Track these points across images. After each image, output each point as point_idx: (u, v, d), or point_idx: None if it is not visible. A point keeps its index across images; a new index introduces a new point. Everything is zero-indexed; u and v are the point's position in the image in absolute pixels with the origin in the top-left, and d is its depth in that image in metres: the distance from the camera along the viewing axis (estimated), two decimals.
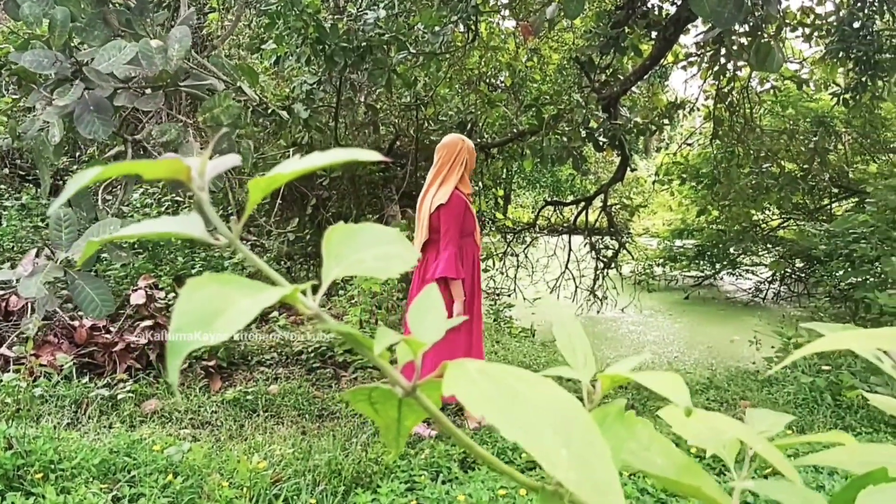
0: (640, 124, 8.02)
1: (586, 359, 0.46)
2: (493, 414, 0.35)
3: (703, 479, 0.44)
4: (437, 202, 4.04)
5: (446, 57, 7.57)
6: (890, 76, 6.81)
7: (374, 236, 0.47)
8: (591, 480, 0.34)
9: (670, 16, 7.20)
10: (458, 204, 4.06)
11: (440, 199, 4.03)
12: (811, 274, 10.15)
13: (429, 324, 0.44)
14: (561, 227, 10.51)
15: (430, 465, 3.59)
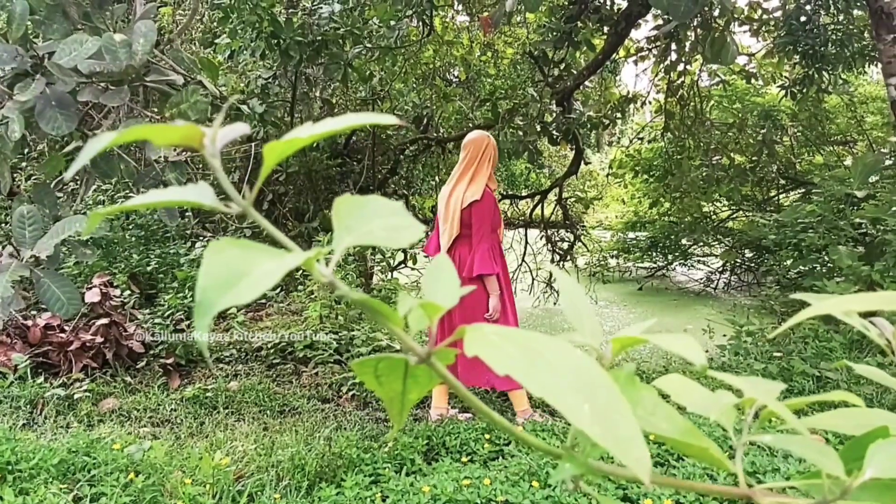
0: (594, 118, 8.10)
1: (593, 325, 0.48)
2: (517, 373, 0.36)
3: (703, 440, 0.46)
4: (471, 199, 4.05)
5: (402, 51, 7.56)
6: (835, 69, 7.00)
7: (382, 207, 0.48)
8: (614, 433, 0.35)
9: (622, 11, 7.30)
10: (490, 201, 4.10)
11: (474, 196, 4.05)
12: (761, 263, 10.37)
13: (441, 289, 0.45)
14: (517, 220, 10.58)
15: (394, 458, 3.59)
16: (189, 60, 2.94)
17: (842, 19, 7.00)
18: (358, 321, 5.61)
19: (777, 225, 7.53)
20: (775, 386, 0.53)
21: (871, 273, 5.41)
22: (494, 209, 4.13)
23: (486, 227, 4.06)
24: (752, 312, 7.21)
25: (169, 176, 2.90)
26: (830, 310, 0.47)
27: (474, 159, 4.15)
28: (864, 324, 0.56)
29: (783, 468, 3.22)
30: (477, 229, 4.06)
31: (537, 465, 3.34)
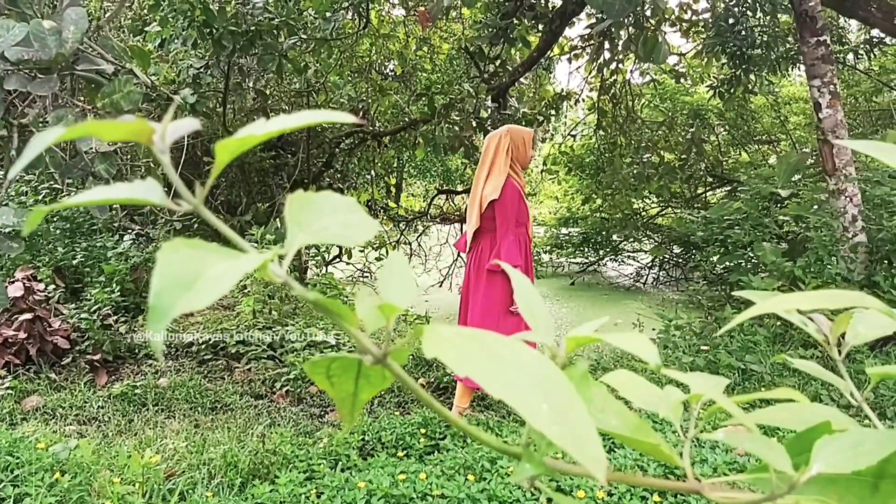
0: (528, 114, 8.18)
1: (547, 323, 0.48)
2: (477, 373, 0.36)
3: (652, 435, 0.47)
4: (489, 198, 4.05)
5: (337, 44, 7.50)
6: (761, 70, 7.21)
7: (336, 204, 0.47)
8: (571, 433, 0.35)
9: (557, 9, 7.38)
10: (511, 195, 4.06)
11: (492, 195, 4.04)
12: (688, 259, 10.62)
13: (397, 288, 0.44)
14: (453, 215, 10.61)
15: (329, 454, 3.56)
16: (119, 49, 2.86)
17: (768, 22, 7.22)
18: (292, 316, 5.54)
19: (704, 222, 7.72)
20: (720, 381, 0.54)
21: (794, 269, 5.60)
22: (518, 203, 4.10)
23: (510, 220, 4.05)
24: (679, 307, 7.39)
25: (98, 167, 2.81)
26: (775, 308, 0.48)
27: (486, 157, 4.17)
28: (804, 320, 0.58)
29: (711, 458, 3.31)
30: (500, 223, 4.06)
31: (473, 458, 3.36)
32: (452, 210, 10.88)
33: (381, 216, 9.97)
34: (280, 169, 7.94)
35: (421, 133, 7.89)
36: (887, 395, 4.49)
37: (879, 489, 0.44)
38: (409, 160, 11.39)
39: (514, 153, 4.16)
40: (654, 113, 10.64)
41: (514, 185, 4.10)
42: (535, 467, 0.40)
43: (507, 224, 4.06)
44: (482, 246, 4.19)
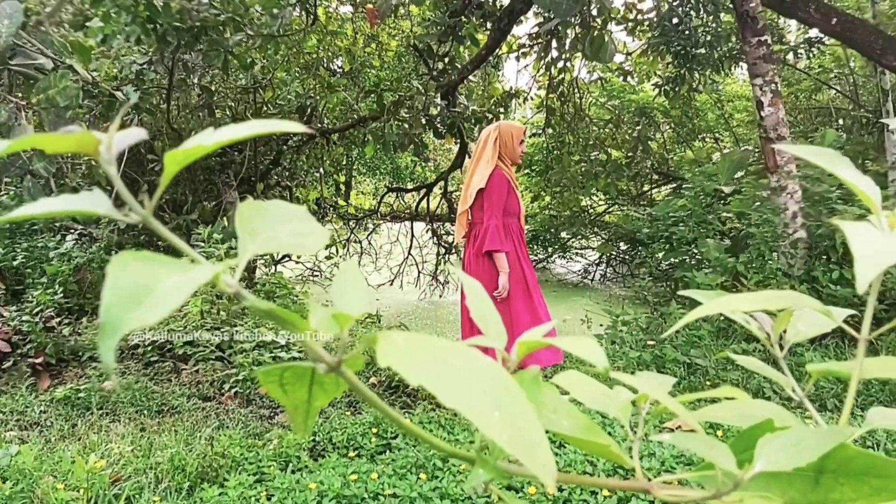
0: (478, 112, 8.20)
1: (498, 329, 0.48)
2: (430, 381, 0.36)
3: (602, 436, 0.48)
4: (476, 187, 4.27)
5: (284, 40, 7.41)
6: (705, 69, 7.35)
7: (287, 213, 0.47)
8: (521, 440, 0.36)
9: (505, 7, 7.42)
10: (499, 185, 4.24)
11: (479, 185, 4.25)
12: (635, 256, 10.78)
13: (350, 296, 0.44)
14: (403, 213, 10.60)
15: (279, 456, 3.53)
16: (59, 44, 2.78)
17: (711, 22, 7.36)
18: (241, 316, 5.47)
19: (650, 219, 7.84)
20: (667, 381, 0.55)
21: (737, 265, 5.72)
22: (506, 192, 4.27)
23: (495, 208, 4.22)
24: (626, 303, 7.50)
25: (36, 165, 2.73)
26: (720, 309, 0.49)
27: (477, 150, 4.40)
28: (746, 318, 0.59)
29: (658, 452, 3.37)
30: (487, 209, 4.24)
31: (425, 457, 3.37)
32: (403, 208, 10.87)
33: (331, 214, 9.91)
34: (226, 167, 7.82)
35: (370, 130, 7.86)
36: (827, 388, 4.62)
37: (820, 484, 0.46)
38: (358, 158, 11.34)
39: (502, 147, 4.33)
40: (602, 111, 10.77)
41: (503, 175, 4.27)
42: (489, 472, 0.40)
43: (492, 211, 4.22)
44: (476, 234, 4.36)
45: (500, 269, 4.24)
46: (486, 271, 4.26)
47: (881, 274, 0.46)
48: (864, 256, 0.38)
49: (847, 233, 0.40)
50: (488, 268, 4.26)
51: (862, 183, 0.46)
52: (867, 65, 9.20)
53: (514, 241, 4.34)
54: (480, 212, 4.31)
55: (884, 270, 0.45)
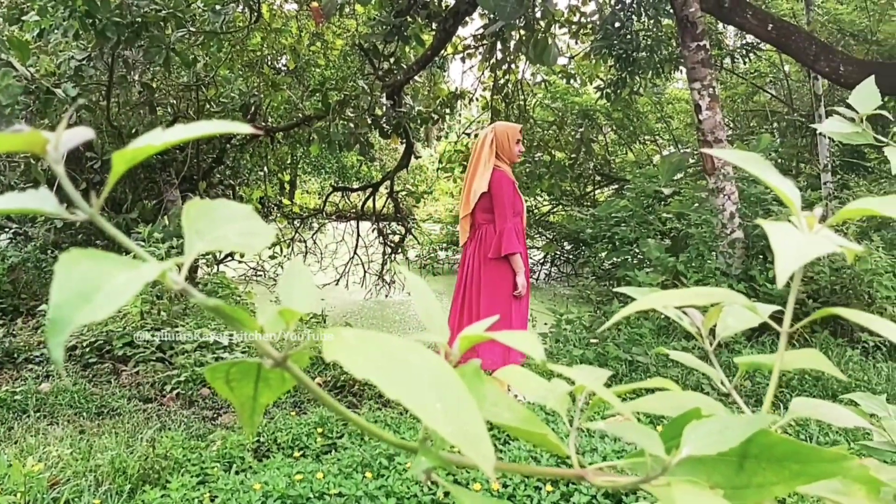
0: (423, 113, 8.22)
1: (441, 324, 0.50)
2: (375, 375, 0.38)
3: (541, 426, 0.50)
4: (479, 191, 4.26)
5: (228, 37, 7.33)
6: (646, 73, 7.49)
7: (234, 213, 0.48)
8: (463, 431, 0.38)
9: (450, 8, 7.45)
10: (503, 184, 4.24)
11: (481, 188, 4.24)
12: (578, 255, 10.93)
13: (297, 293, 0.45)
14: (349, 213, 10.56)
15: (222, 457, 3.49)
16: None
17: (652, 26, 7.51)
18: (182, 317, 5.40)
19: (593, 219, 7.97)
20: (602, 374, 0.57)
21: (677, 264, 5.86)
22: (511, 192, 4.28)
23: (504, 208, 4.24)
24: (570, 302, 7.60)
25: None
26: (653, 304, 0.52)
27: (476, 155, 4.37)
28: (678, 314, 0.62)
29: (600, 447, 3.43)
30: (498, 212, 4.25)
31: (370, 456, 3.37)
32: (348, 207, 10.82)
33: (275, 213, 9.82)
34: (168, 165, 7.69)
35: (315, 129, 7.81)
36: (764, 383, 4.77)
37: (744, 468, 0.48)
38: (303, 157, 11.25)
39: (498, 148, 4.34)
40: (546, 113, 10.88)
41: (505, 175, 4.28)
42: (431, 461, 0.42)
43: (503, 213, 4.24)
44: (481, 236, 4.38)
45: (517, 270, 4.29)
46: (498, 273, 4.30)
47: (801, 270, 0.49)
48: (783, 254, 0.41)
49: (768, 232, 0.42)
50: (500, 269, 4.30)
51: (784, 186, 0.49)
52: (801, 70, 9.49)
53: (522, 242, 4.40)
54: (483, 213, 4.33)
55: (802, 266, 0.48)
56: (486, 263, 4.33)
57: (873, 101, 1.15)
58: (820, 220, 0.49)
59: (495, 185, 4.24)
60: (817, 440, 3.73)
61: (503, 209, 4.24)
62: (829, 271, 5.49)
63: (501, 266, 4.30)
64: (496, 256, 4.27)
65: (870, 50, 9.32)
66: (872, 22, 9.22)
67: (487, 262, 4.32)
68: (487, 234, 4.35)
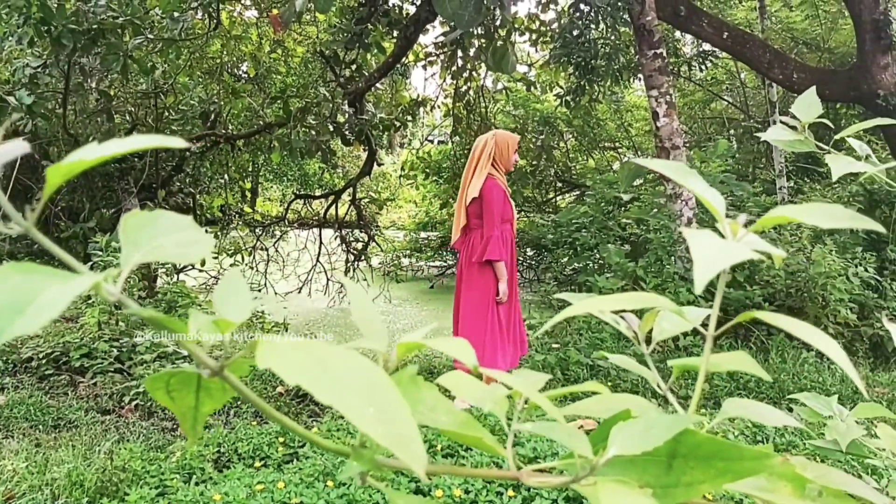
0: (385, 120, 8.23)
1: (380, 331, 0.51)
2: (307, 381, 0.39)
3: (479, 430, 0.51)
4: (471, 196, 4.32)
5: (186, 44, 7.27)
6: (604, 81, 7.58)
7: (172, 223, 0.48)
8: (395, 434, 0.39)
9: (410, 15, 7.47)
10: (494, 192, 4.31)
11: (473, 193, 4.31)
12: (541, 261, 11.00)
13: (233, 305, 0.46)
14: (311, 220, 10.51)
15: (182, 468, 3.46)
16: None
17: (610, 35, 7.61)
18: (141, 327, 5.33)
19: (554, 225, 8.03)
20: (540, 378, 0.59)
21: (636, 269, 5.93)
22: (502, 201, 4.34)
23: (494, 216, 4.30)
24: (533, 307, 7.65)
25: None
26: (586, 309, 0.54)
27: (473, 160, 4.43)
28: (616, 318, 0.64)
29: (562, 452, 3.46)
30: (486, 219, 4.32)
31: (332, 465, 3.36)
32: (311, 215, 10.78)
33: (236, 221, 9.74)
34: (126, 173, 7.60)
35: (276, 137, 7.77)
36: (721, 386, 4.84)
37: (673, 468, 0.50)
38: (264, 164, 11.19)
39: (497, 156, 4.42)
40: (507, 120, 10.95)
41: (497, 184, 4.35)
42: (363, 464, 0.43)
43: (492, 219, 4.31)
44: (472, 241, 4.45)
45: (500, 277, 4.36)
46: (481, 277, 4.39)
47: (724, 275, 0.51)
48: (701, 261, 0.43)
49: (688, 239, 0.44)
50: (483, 274, 4.39)
51: (707, 194, 0.51)
52: (756, 77, 9.67)
53: (508, 250, 4.47)
54: (474, 219, 4.40)
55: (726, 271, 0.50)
56: (470, 267, 4.43)
57: (815, 110, 1.19)
58: (745, 225, 0.51)
59: (486, 192, 4.30)
60: (773, 441, 3.80)
61: (491, 216, 4.31)
62: (785, 275, 5.60)
63: (485, 271, 4.39)
64: (479, 261, 4.35)
65: (822, 58, 9.54)
66: (824, 30, 9.44)
67: (471, 266, 4.42)
68: (476, 239, 4.43)
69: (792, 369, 5.05)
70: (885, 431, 1.26)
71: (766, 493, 0.54)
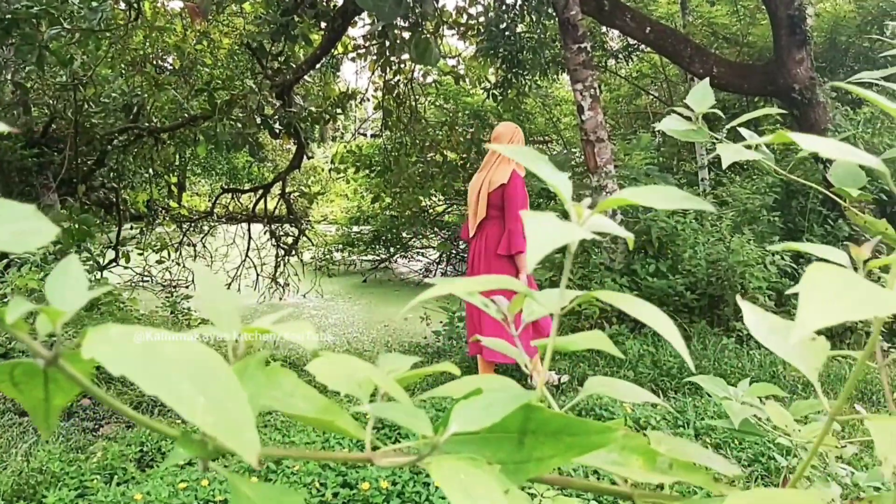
0: (315, 113, 8.16)
1: (231, 318, 0.51)
2: (132, 372, 0.38)
3: (338, 415, 0.52)
4: (499, 182, 4.29)
5: (107, 35, 7.07)
6: (531, 74, 7.66)
7: (12, 213, 0.47)
8: (226, 421, 0.39)
9: (338, 7, 7.42)
10: (518, 183, 4.32)
11: (501, 179, 4.29)
12: None
13: (68, 294, 0.45)
14: (240, 214, 10.37)
15: (103, 468, 3.39)
16: None
17: (535, 29, 7.69)
18: None
19: None
20: (407, 360, 0.60)
21: (563, 260, 6.01)
22: (524, 195, 4.34)
23: (518, 207, 4.25)
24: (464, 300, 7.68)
25: None
26: (450, 290, 0.55)
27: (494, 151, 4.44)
28: (486, 301, 0.65)
29: None
30: (509, 209, 4.29)
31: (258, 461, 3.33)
32: (239, 209, 10.62)
33: (162, 217, 9.53)
34: (45, 168, 7.36)
35: (201, 130, 7.63)
36: (645, 373, 4.95)
37: (524, 444, 0.52)
38: (192, 158, 10.98)
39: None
40: (438, 113, 10.97)
41: (519, 177, 4.37)
42: (190, 451, 0.43)
43: (515, 210, 4.29)
44: (487, 233, 4.43)
45: (521, 269, 4.34)
46: (503, 270, 4.36)
47: (571, 255, 0.53)
48: (533, 241, 0.44)
49: (525, 221, 0.46)
50: (506, 266, 4.37)
51: (555, 179, 0.52)
52: (680, 72, 9.90)
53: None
54: (492, 210, 4.38)
55: (572, 251, 0.52)
56: (491, 259, 4.41)
57: (708, 101, 1.23)
58: (589, 208, 0.52)
59: (512, 184, 4.31)
60: (694, 426, 3.91)
61: (515, 209, 4.29)
62: (706, 264, 5.75)
63: (507, 263, 4.39)
64: (506, 253, 4.35)
65: (741, 52, 9.81)
66: (743, 25, 9.71)
67: (492, 258, 4.40)
68: (492, 230, 4.42)
69: (713, 355, 5.19)
70: (773, 408, 1.31)
71: (618, 467, 0.56)
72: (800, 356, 0.60)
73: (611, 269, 5.92)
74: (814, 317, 0.43)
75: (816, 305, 0.44)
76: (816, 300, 0.45)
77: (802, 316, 0.43)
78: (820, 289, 0.46)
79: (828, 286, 0.46)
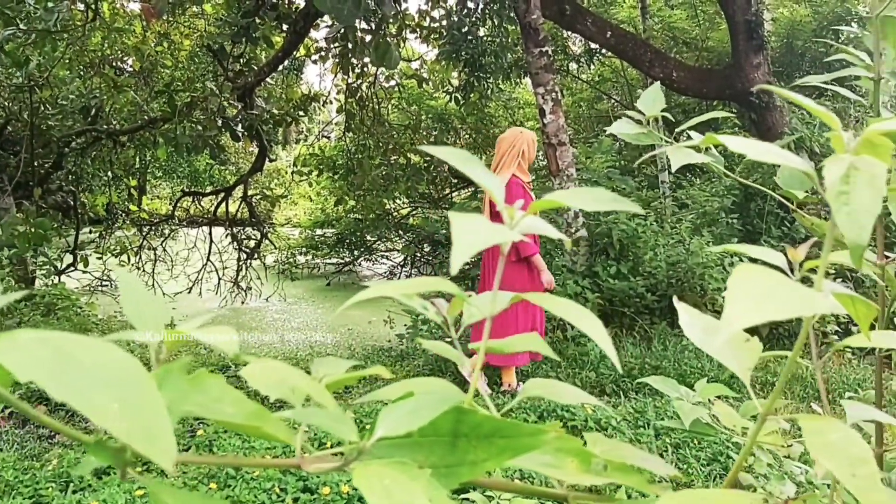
0: (277, 115, 8.10)
1: (156, 322, 0.50)
2: (42, 378, 0.37)
3: (268, 420, 0.51)
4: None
5: (64, 36, 6.95)
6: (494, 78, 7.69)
7: None
8: (141, 428, 0.38)
9: (300, 9, 7.38)
10: (514, 186, 4.38)
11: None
12: (436, 256, 11.06)
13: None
14: (201, 218, 10.25)
15: (59, 476, 3.33)
16: None
17: (497, 32, 7.72)
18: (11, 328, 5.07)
19: (448, 221, 8.08)
20: (344, 364, 0.60)
21: None
22: (519, 195, 4.28)
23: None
24: None
25: None
26: (383, 293, 0.54)
27: (505, 154, 4.50)
28: (425, 304, 0.65)
29: None
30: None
31: (217, 467, 3.30)
32: (200, 213, 10.51)
33: (122, 220, 9.39)
34: (1, 171, 7.21)
35: (161, 132, 7.53)
36: (606, 374, 4.99)
37: (457, 447, 0.51)
38: (152, 161, 10.84)
39: (526, 154, 4.55)
40: (402, 116, 10.96)
41: (517, 182, 4.44)
42: (102, 459, 0.42)
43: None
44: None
45: (541, 268, 4.47)
46: (521, 274, 4.45)
47: (502, 257, 0.53)
48: (459, 242, 0.44)
49: (452, 222, 0.45)
50: (523, 271, 4.46)
51: (487, 181, 0.52)
52: (641, 76, 10.00)
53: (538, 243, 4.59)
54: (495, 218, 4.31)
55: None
56: (507, 266, 4.38)
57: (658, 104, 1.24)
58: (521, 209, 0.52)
59: (510, 192, 4.35)
60: (654, 427, 3.95)
61: None
62: (666, 266, 5.82)
63: (524, 267, 4.47)
64: (517, 259, 4.41)
65: (700, 56, 9.95)
66: (702, 30, 9.85)
67: (507, 265, 4.38)
68: None
69: (673, 356, 5.25)
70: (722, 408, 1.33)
71: (553, 469, 0.56)
72: (732, 356, 0.61)
73: (573, 271, 5.96)
74: (739, 316, 0.44)
75: (742, 305, 0.45)
76: (742, 300, 0.46)
77: (728, 315, 0.44)
78: (745, 289, 0.46)
79: (753, 286, 0.47)
